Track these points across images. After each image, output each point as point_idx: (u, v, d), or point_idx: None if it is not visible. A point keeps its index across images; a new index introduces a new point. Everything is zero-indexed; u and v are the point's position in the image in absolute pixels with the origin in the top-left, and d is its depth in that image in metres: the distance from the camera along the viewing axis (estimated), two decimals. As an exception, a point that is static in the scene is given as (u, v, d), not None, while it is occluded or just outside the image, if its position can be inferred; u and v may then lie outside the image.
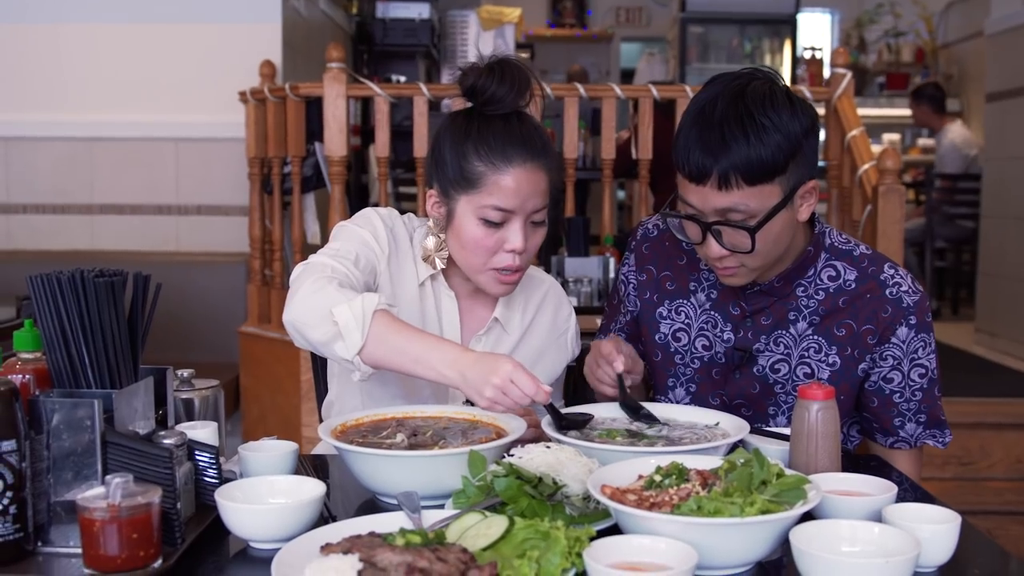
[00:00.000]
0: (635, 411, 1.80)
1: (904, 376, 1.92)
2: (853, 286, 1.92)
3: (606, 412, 1.83)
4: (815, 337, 1.92)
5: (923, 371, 1.92)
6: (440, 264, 1.97)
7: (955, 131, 7.54)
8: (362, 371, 1.73)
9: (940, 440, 1.98)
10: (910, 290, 1.90)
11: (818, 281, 1.93)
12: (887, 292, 1.90)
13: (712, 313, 1.99)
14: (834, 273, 1.93)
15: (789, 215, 1.80)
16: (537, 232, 1.92)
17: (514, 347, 2.03)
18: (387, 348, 1.70)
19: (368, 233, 1.95)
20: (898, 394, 1.93)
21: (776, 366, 1.94)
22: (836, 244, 1.95)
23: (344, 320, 1.69)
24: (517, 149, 1.86)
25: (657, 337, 2.04)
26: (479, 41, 7.07)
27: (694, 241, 1.84)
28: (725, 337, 1.97)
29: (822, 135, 4.26)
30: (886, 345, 1.90)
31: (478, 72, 1.89)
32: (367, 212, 2.01)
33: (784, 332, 1.94)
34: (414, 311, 1.97)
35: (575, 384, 2.27)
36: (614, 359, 1.83)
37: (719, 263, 1.83)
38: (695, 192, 1.77)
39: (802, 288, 1.93)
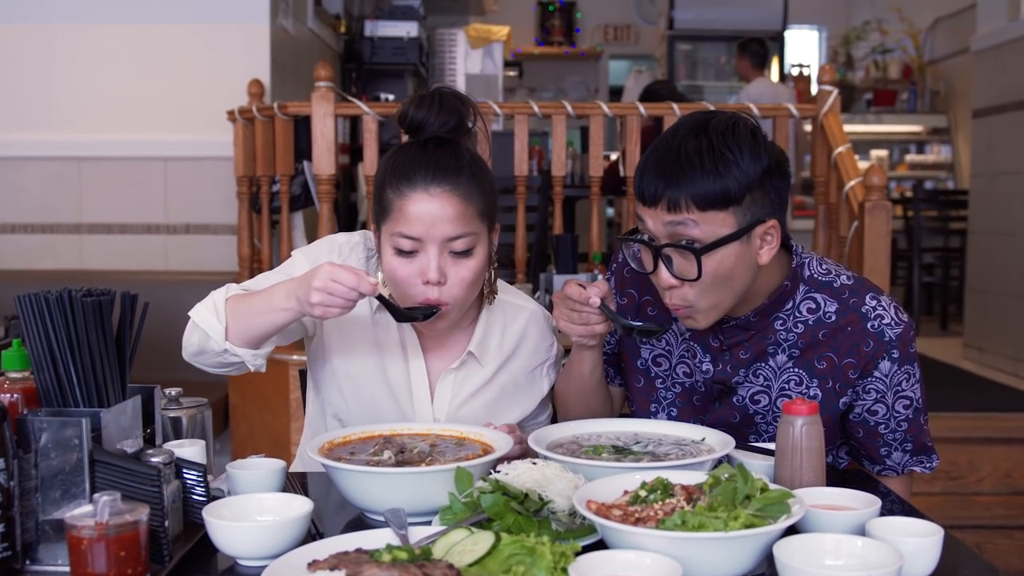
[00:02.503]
0: (648, 332, 1.82)
1: (889, 408, 1.89)
2: (833, 318, 1.87)
3: (591, 428, 1.84)
4: (795, 370, 1.89)
5: (907, 402, 1.89)
6: (387, 295, 1.87)
7: (754, 86, 7.38)
8: (247, 358, 1.79)
9: (927, 466, 1.97)
10: (892, 322, 1.85)
11: (797, 314, 1.89)
12: (868, 325, 1.85)
13: (691, 343, 1.96)
14: (814, 305, 1.88)
15: (745, 253, 1.76)
16: (462, 264, 1.80)
17: (488, 379, 1.97)
18: (244, 318, 1.76)
19: (308, 263, 1.90)
20: (883, 425, 1.91)
21: (756, 397, 1.92)
22: (815, 276, 1.90)
23: (201, 318, 1.77)
24: (420, 173, 1.77)
25: (638, 363, 2.02)
26: (467, 59, 7.09)
27: (647, 270, 1.81)
28: (704, 368, 1.95)
29: (811, 150, 4.29)
30: (869, 379, 1.87)
31: (409, 102, 1.85)
32: (323, 240, 2.00)
33: (763, 364, 1.91)
34: (367, 338, 1.95)
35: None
36: (587, 296, 1.76)
37: (671, 297, 1.79)
38: (648, 214, 1.76)
39: (780, 321, 1.89)
